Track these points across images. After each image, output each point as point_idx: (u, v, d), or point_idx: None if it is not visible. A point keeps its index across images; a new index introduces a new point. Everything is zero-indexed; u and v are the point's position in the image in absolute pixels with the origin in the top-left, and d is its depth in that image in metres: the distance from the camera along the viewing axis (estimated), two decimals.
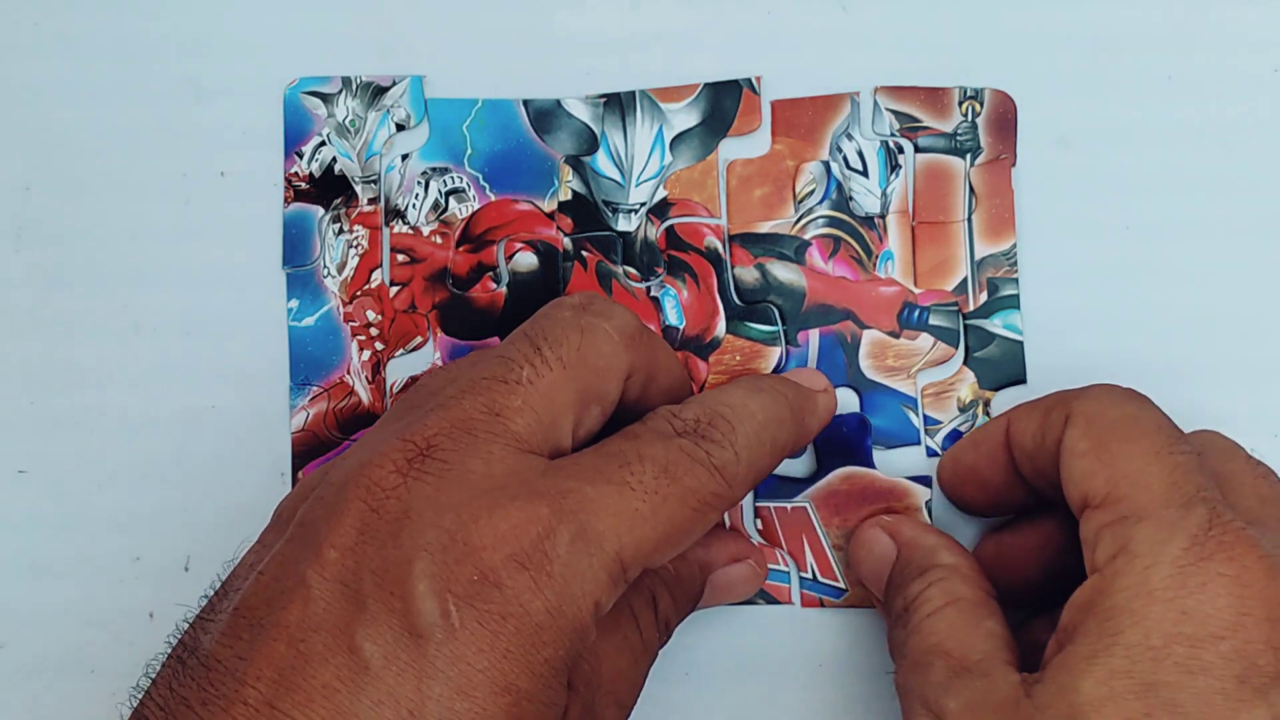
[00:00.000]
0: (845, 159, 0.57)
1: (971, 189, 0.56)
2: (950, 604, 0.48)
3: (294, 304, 0.57)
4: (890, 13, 0.57)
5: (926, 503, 0.55)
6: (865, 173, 0.57)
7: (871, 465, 0.56)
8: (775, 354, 0.56)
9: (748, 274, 0.56)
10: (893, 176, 0.56)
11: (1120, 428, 0.46)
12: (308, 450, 0.56)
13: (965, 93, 0.57)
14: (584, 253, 0.56)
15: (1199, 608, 0.41)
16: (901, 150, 0.57)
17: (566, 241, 0.56)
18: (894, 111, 0.57)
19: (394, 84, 0.57)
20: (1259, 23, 0.57)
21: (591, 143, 0.57)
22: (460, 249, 0.57)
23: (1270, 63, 0.57)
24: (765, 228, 0.56)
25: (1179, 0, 0.57)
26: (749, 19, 0.57)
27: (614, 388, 0.46)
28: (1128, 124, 0.57)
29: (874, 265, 0.56)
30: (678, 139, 0.57)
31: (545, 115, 0.57)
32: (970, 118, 0.56)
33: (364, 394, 0.56)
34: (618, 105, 0.57)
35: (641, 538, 0.42)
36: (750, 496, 0.55)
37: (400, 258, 0.57)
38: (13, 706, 0.56)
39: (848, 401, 0.56)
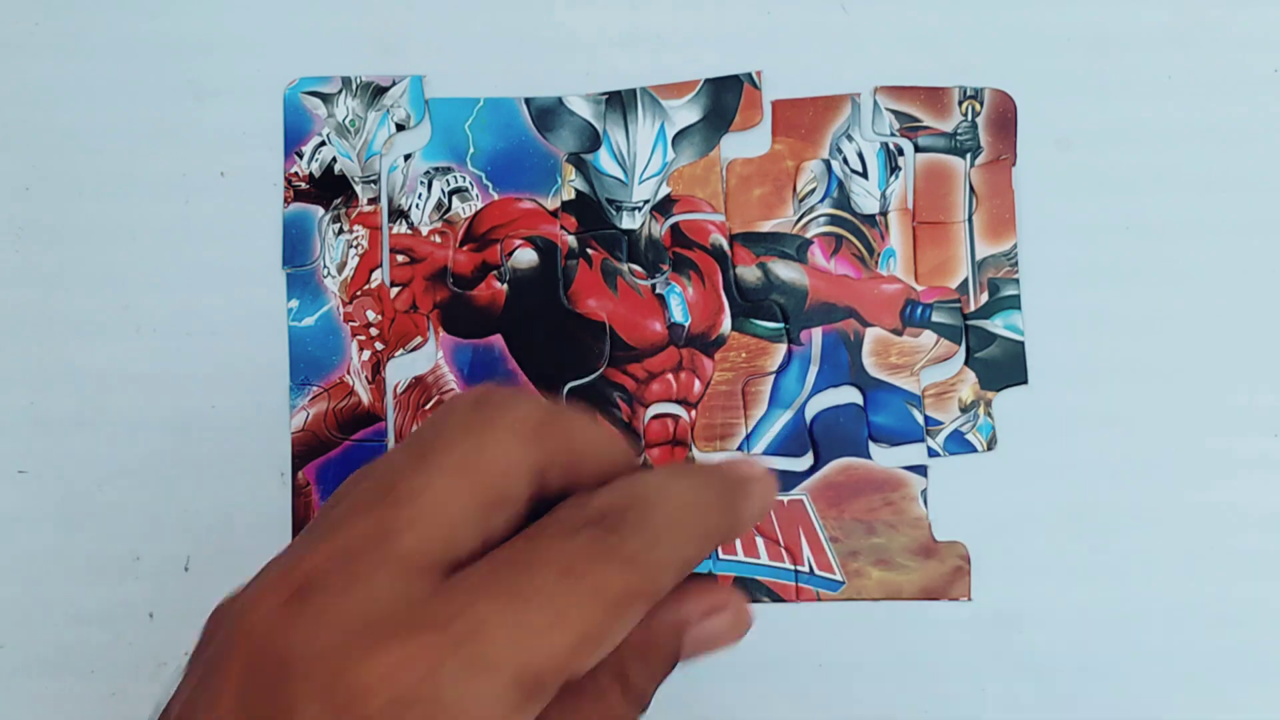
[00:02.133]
0: (845, 159, 0.57)
1: (972, 189, 0.56)
2: None
3: (294, 304, 0.57)
4: (890, 13, 0.57)
5: (922, 491, 0.55)
6: (865, 174, 0.57)
7: (868, 456, 0.56)
8: (780, 351, 0.56)
9: (750, 273, 0.56)
10: (892, 178, 0.57)
11: None
12: (308, 450, 0.56)
13: (965, 92, 0.57)
14: (589, 250, 0.56)
15: None
16: (901, 152, 0.57)
17: (571, 240, 0.57)
18: (894, 111, 0.57)
19: (394, 84, 0.57)
20: (1259, 23, 0.57)
21: (594, 140, 0.57)
22: (464, 248, 0.57)
23: (1270, 63, 0.57)
24: (767, 226, 0.57)
25: (1179, 0, 0.57)
26: (749, 19, 0.58)
27: (520, 488, 0.42)
28: (1128, 124, 0.57)
29: (876, 263, 0.56)
30: (680, 135, 0.57)
31: (547, 113, 0.57)
32: (970, 117, 0.57)
33: (364, 394, 0.56)
34: (619, 103, 0.57)
35: (550, 651, 0.38)
36: None
37: (400, 258, 0.57)
38: (13, 706, 0.56)
39: (849, 396, 0.56)
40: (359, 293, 0.57)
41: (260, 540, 0.56)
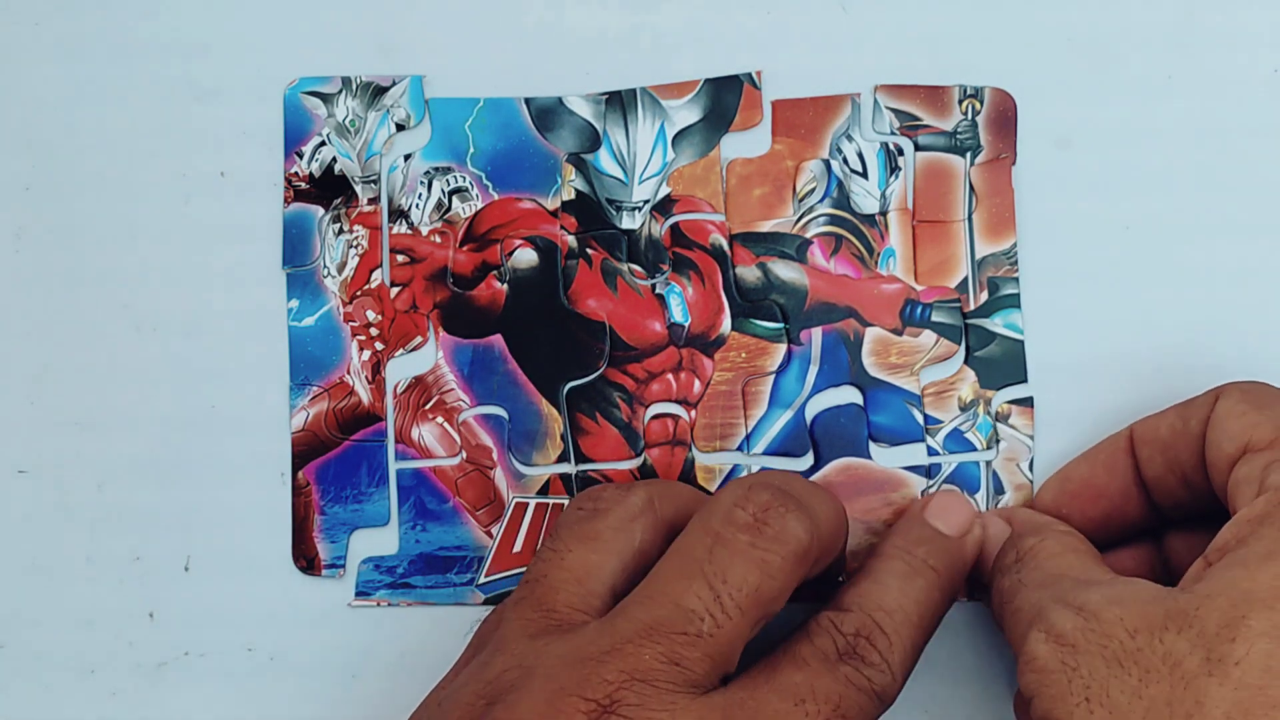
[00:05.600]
0: (844, 159, 0.57)
1: (972, 188, 0.56)
2: (1070, 551, 0.49)
3: (294, 304, 0.57)
4: (890, 12, 0.57)
5: (922, 491, 0.55)
6: (865, 174, 0.57)
7: (868, 456, 0.56)
8: (780, 351, 0.56)
9: (750, 273, 0.56)
10: (892, 178, 0.56)
11: (1277, 391, 0.49)
12: (308, 450, 0.56)
13: (965, 91, 0.57)
14: (589, 250, 0.56)
15: None
16: (901, 152, 0.57)
17: (571, 239, 0.57)
18: (894, 110, 0.57)
19: (394, 84, 0.57)
20: (1259, 23, 0.57)
21: (594, 140, 0.57)
22: (464, 248, 0.57)
23: (1270, 63, 0.57)
24: (766, 226, 0.57)
25: (1179, 0, 0.57)
26: (749, 19, 0.57)
27: (781, 604, 0.47)
28: (1128, 124, 0.57)
29: (876, 263, 0.56)
30: (679, 135, 0.57)
31: (547, 113, 0.57)
32: (970, 116, 0.57)
33: (364, 394, 0.56)
34: (619, 103, 0.57)
35: None
36: None
37: (400, 258, 0.57)
38: (13, 706, 0.56)
39: (849, 396, 0.56)
40: (359, 293, 0.57)
41: (260, 540, 0.56)
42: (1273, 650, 0.40)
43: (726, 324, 0.56)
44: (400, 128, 0.57)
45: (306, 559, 0.56)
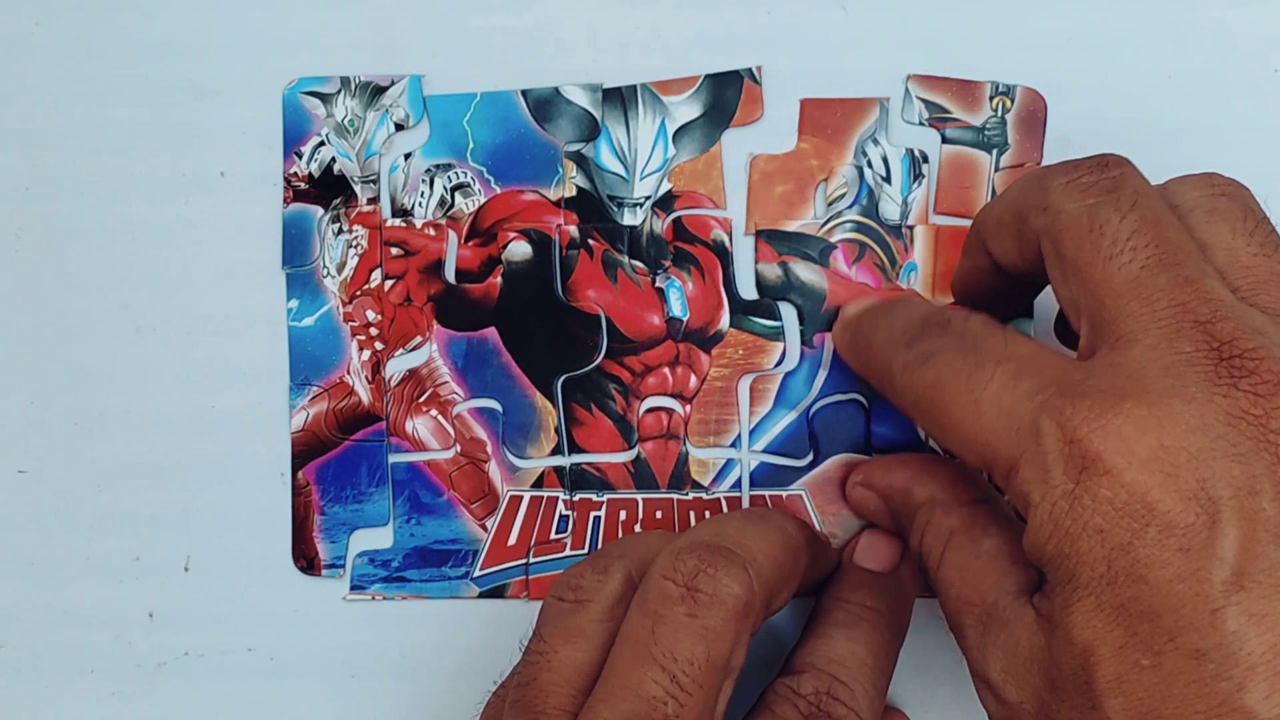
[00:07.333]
0: (869, 162, 0.56)
1: (994, 192, 0.56)
2: (945, 548, 0.48)
3: (294, 304, 0.57)
4: (889, 13, 0.57)
5: None
6: (889, 179, 0.56)
7: (868, 453, 0.56)
8: (778, 349, 0.56)
9: (770, 270, 0.56)
10: (915, 185, 0.56)
11: None
12: (308, 450, 0.56)
13: (997, 88, 0.56)
14: (590, 241, 0.56)
15: None
16: (926, 159, 0.56)
17: (573, 230, 0.57)
18: (924, 100, 0.57)
19: (393, 84, 0.57)
20: (1259, 23, 0.57)
21: (593, 129, 0.57)
22: (470, 243, 0.57)
23: (1270, 63, 0.57)
24: (793, 226, 0.56)
25: (1179, 0, 0.57)
26: (749, 19, 0.58)
27: (742, 657, 0.47)
28: (1128, 124, 0.57)
29: (897, 275, 0.56)
30: (680, 131, 0.57)
31: (545, 104, 0.57)
32: (1000, 114, 0.56)
33: (364, 394, 0.56)
34: (619, 99, 0.57)
35: None
36: (746, 486, 0.56)
37: (394, 251, 0.57)
38: (13, 706, 0.56)
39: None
40: (359, 292, 0.57)
41: (260, 540, 0.56)
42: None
43: (725, 320, 0.56)
44: (399, 127, 0.57)
45: (306, 559, 0.56)
